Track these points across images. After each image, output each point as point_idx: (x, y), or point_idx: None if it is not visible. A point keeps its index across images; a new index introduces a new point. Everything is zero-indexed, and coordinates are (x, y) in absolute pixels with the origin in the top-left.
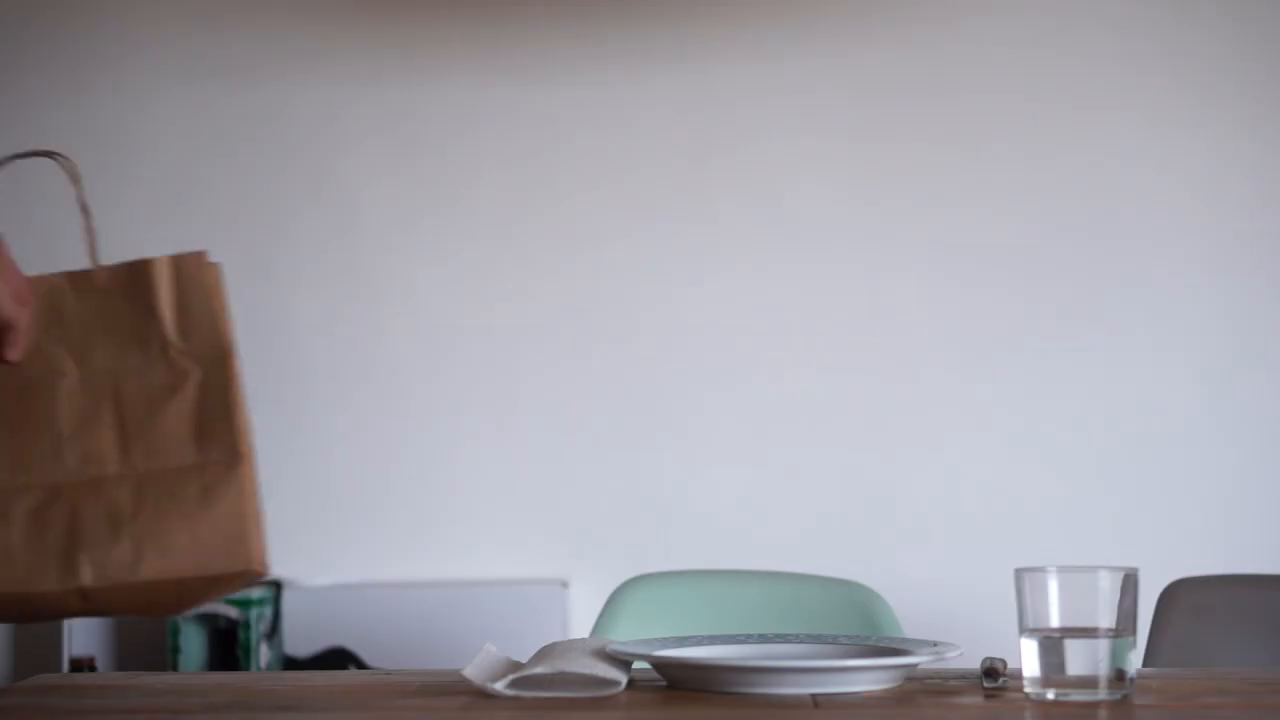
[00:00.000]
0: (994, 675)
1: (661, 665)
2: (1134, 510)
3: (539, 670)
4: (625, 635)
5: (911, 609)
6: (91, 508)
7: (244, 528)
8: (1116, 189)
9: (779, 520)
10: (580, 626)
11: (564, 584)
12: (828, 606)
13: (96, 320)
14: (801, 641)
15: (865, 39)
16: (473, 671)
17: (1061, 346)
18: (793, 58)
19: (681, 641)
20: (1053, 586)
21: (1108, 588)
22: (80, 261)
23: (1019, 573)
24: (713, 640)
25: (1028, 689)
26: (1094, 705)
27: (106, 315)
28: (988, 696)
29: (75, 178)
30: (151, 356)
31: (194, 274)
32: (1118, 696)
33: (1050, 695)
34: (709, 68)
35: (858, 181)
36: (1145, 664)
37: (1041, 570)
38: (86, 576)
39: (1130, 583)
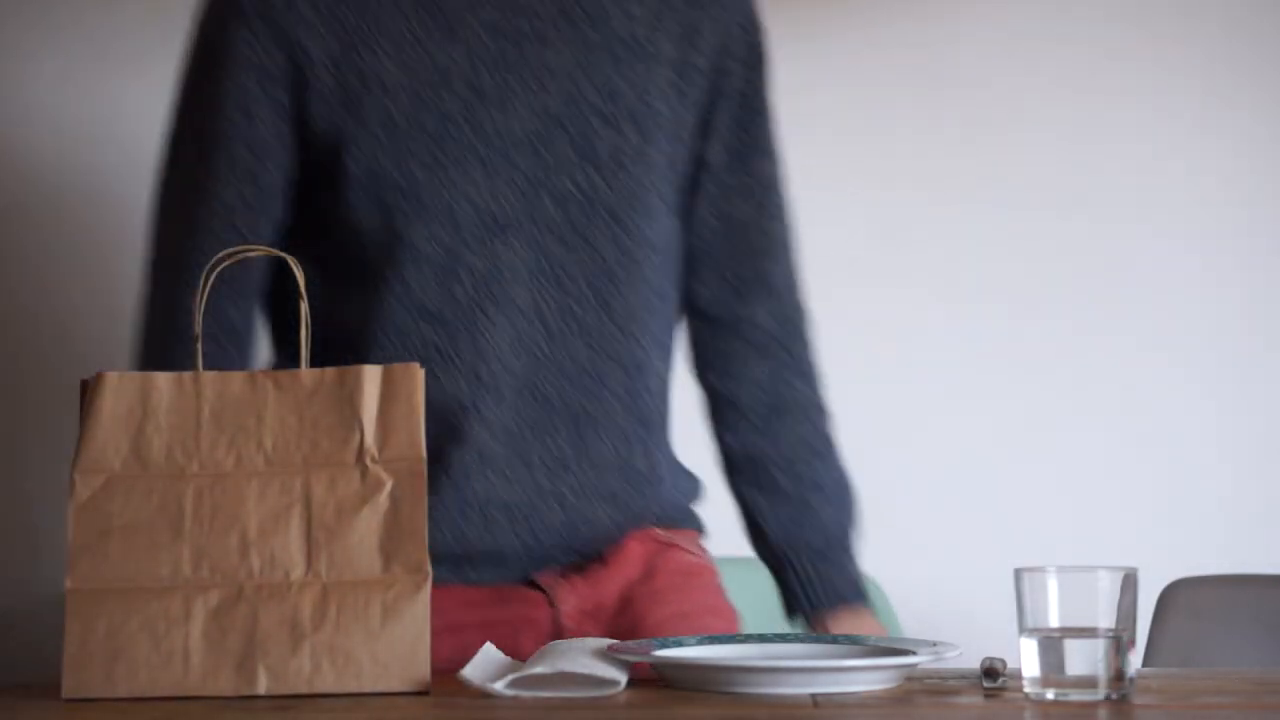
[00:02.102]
0: (993, 675)
1: (661, 665)
2: (1134, 510)
3: (539, 670)
4: None
5: (911, 609)
6: (273, 614)
7: (419, 648)
8: (1119, 188)
9: None
10: None
11: None
12: None
13: (295, 421)
14: (801, 641)
15: (867, 43)
16: (472, 671)
17: (1061, 346)
18: (791, 60)
19: (681, 641)
20: (1052, 586)
21: (1107, 588)
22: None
23: (1019, 573)
24: (712, 640)
25: (1027, 689)
26: (1093, 705)
27: (306, 418)
28: (987, 696)
29: (301, 284)
30: (347, 464)
31: (400, 384)
32: (1117, 696)
33: (1050, 695)
34: None
35: (856, 183)
36: (1145, 664)
37: (1041, 570)
38: (261, 686)
39: (1130, 583)
